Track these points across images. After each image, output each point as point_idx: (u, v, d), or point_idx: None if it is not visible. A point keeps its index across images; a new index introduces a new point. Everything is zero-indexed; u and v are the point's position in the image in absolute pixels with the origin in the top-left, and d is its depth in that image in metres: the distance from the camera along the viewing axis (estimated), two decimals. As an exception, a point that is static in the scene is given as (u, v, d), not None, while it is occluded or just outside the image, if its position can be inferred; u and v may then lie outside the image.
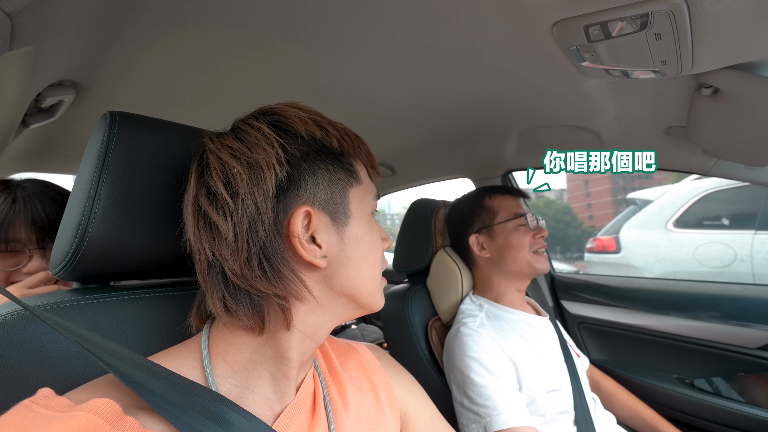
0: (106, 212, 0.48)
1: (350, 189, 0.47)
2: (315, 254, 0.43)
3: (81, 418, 0.32)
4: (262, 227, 0.41)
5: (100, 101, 0.98)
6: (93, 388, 0.39)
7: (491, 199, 1.08)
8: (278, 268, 0.41)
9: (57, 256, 0.50)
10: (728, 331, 1.23)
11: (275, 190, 0.41)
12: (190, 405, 0.37)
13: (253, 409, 0.42)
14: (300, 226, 0.42)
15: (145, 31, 0.77)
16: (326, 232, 0.44)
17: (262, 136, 0.43)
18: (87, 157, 0.50)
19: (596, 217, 23.13)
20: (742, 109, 0.74)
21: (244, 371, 0.43)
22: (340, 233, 0.45)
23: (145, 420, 0.36)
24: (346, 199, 0.46)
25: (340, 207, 0.45)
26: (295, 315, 0.43)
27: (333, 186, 0.45)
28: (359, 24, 0.76)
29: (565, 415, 0.92)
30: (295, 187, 0.43)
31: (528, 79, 0.92)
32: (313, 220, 0.43)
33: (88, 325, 0.49)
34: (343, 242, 0.45)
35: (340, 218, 0.45)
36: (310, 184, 0.44)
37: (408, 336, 1.05)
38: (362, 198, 0.48)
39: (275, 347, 0.43)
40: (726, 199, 3.39)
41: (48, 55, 0.70)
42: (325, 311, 0.46)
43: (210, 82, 0.97)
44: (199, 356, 0.43)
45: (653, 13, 0.52)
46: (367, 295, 0.48)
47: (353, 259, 0.46)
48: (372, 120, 1.22)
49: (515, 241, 1.02)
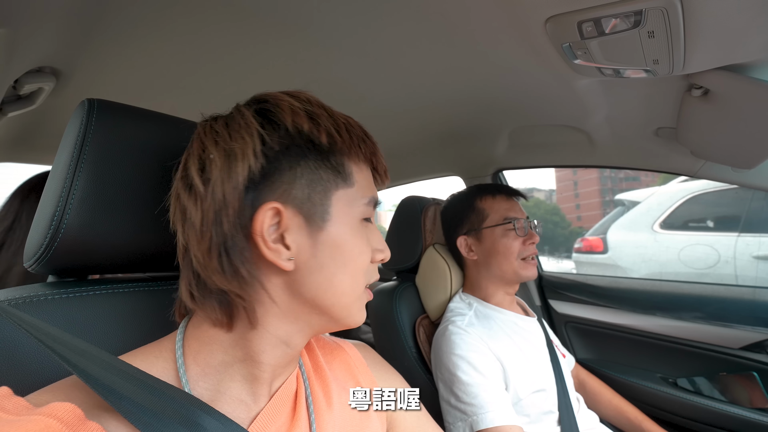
0: (83, 203, 0.46)
1: (335, 190, 0.43)
2: (280, 255, 0.40)
3: (39, 422, 0.30)
4: (227, 219, 0.39)
5: (82, 90, 0.95)
6: (56, 390, 0.37)
7: (482, 201, 1.05)
8: (235, 265, 0.39)
9: (31, 247, 0.48)
10: (711, 331, 1.25)
11: (246, 182, 0.39)
12: (162, 409, 0.35)
13: (227, 411, 0.40)
14: (267, 223, 0.39)
15: (129, 19, 0.74)
16: (298, 233, 0.41)
17: (245, 125, 0.41)
18: (63, 145, 0.49)
19: (584, 218, 23.43)
20: (731, 111, 0.75)
21: (216, 373, 0.41)
22: (314, 237, 0.41)
23: (109, 424, 0.35)
24: (327, 200, 0.42)
25: (319, 209, 0.42)
26: (262, 316, 0.41)
27: (313, 185, 0.42)
28: (350, 18, 0.74)
29: (549, 415, 0.92)
30: (269, 181, 0.40)
31: (520, 77, 0.92)
32: (284, 219, 0.40)
33: (63, 320, 0.47)
34: (315, 247, 0.41)
35: (316, 221, 0.42)
36: (287, 180, 0.41)
37: (396, 334, 1.04)
38: (350, 202, 0.44)
39: (245, 349, 0.42)
40: (711, 202, 3.45)
41: (25, 39, 0.67)
42: (297, 319, 0.43)
43: (195, 73, 0.95)
44: (172, 356, 0.41)
45: (647, 10, 0.52)
46: (341, 309, 0.44)
47: (326, 267, 0.42)
48: (362, 116, 1.19)
49: (502, 247, 1.00)
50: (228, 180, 0.39)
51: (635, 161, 1.30)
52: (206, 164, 0.40)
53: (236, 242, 0.39)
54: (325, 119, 0.43)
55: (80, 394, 0.36)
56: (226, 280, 0.39)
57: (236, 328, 0.41)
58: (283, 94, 0.44)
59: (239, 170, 0.39)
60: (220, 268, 0.39)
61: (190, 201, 0.40)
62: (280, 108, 0.42)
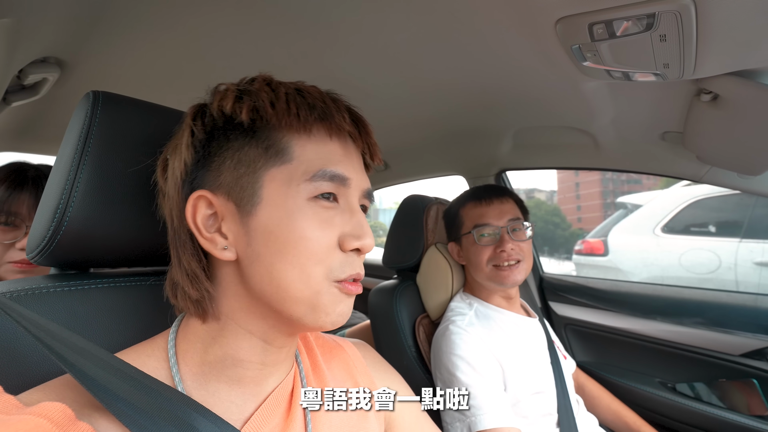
0: (86, 196, 0.46)
1: (265, 170, 0.39)
2: (215, 245, 0.39)
3: (28, 422, 0.30)
4: (174, 214, 0.41)
5: (87, 81, 0.95)
6: (48, 388, 0.37)
7: (463, 208, 1.05)
8: (179, 257, 0.41)
9: (33, 240, 0.47)
10: (712, 337, 1.24)
11: (183, 175, 0.40)
12: (156, 410, 0.35)
13: (219, 412, 0.40)
14: (201, 213, 0.39)
15: (134, 11, 0.74)
16: (232, 220, 0.39)
17: (184, 119, 0.43)
18: (68, 137, 0.48)
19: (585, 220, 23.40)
20: (740, 117, 0.74)
21: (202, 374, 0.41)
22: (245, 223, 0.39)
23: (100, 423, 0.35)
24: (256, 182, 0.39)
25: (247, 192, 0.39)
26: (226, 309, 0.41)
27: (239, 167, 0.39)
28: (357, 14, 0.74)
29: (548, 417, 0.92)
30: (201, 171, 0.40)
31: (527, 77, 0.91)
32: (217, 207, 0.39)
33: (65, 313, 0.46)
34: (249, 234, 0.39)
35: (245, 206, 0.39)
36: (215, 167, 0.40)
37: (395, 332, 1.04)
38: (287, 180, 0.39)
39: (223, 346, 0.41)
40: (714, 207, 3.44)
41: (30, 30, 0.67)
42: (265, 316, 0.41)
43: (199, 66, 0.94)
44: (164, 355, 0.41)
45: (660, 13, 0.51)
46: (292, 306, 0.39)
47: (262, 256, 0.38)
48: (367, 113, 1.19)
49: (472, 255, 1.00)
50: (171, 176, 0.41)
51: (640, 165, 1.29)
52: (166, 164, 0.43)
53: (181, 235, 0.41)
54: (260, 94, 0.40)
55: (72, 393, 0.36)
56: (178, 273, 0.41)
57: (207, 321, 0.42)
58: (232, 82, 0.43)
59: (176, 165, 0.41)
60: (177, 263, 0.41)
61: (162, 201, 0.43)
62: (215, 95, 0.42)
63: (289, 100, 0.39)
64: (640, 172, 1.32)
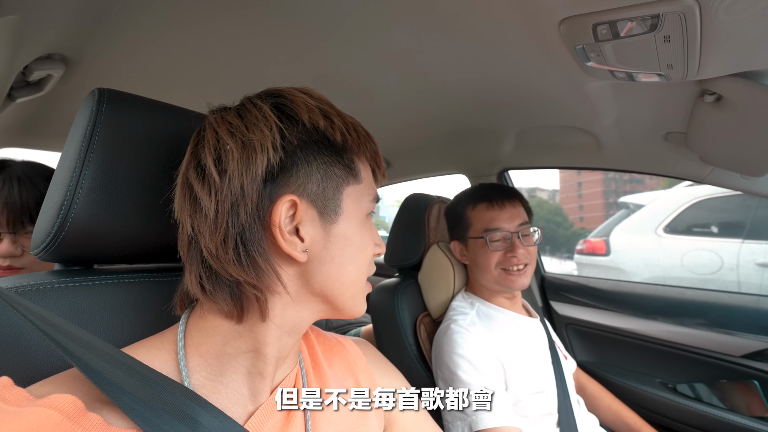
0: (91, 193, 0.46)
1: (346, 186, 0.45)
2: (295, 247, 0.41)
3: (40, 413, 0.30)
4: (244, 210, 0.39)
5: (91, 78, 0.95)
6: (57, 381, 0.37)
7: (468, 209, 1.04)
8: (253, 256, 0.40)
9: (38, 236, 0.48)
10: (713, 338, 1.24)
11: (264, 175, 0.40)
12: (160, 404, 0.35)
13: (225, 405, 0.41)
14: (283, 215, 0.40)
15: (139, 8, 0.74)
16: (312, 226, 0.42)
17: (263, 117, 0.41)
18: (73, 134, 0.48)
19: (587, 219, 23.32)
20: (744, 118, 0.74)
21: (218, 364, 0.42)
22: (327, 230, 0.43)
23: (110, 416, 0.35)
24: (339, 195, 0.44)
25: (331, 203, 0.44)
26: (272, 308, 0.42)
27: (327, 180, 0.43)
28: (361, 13, 0.74)
29: (549, 417, 0.93)
30: (287, 174, 0.41)
31: (530, 77, 0.91)
32: (299, 211, 0.41)
33: (69, 308, 0.47)
34: (328, 239, 0.43)
35: (329, 215, 0.43)
36: (303, 175, 0.42)
37: (396, 330, 1.04)
38: (359, 198, 0.46)
39: (251, 341, 0.42)
40: (716, 207, 3.42)
41: (35, 26, 0.67)
42: (303, 308, 0.45)
43: (203, 64, 0.95)
44: (173, 348, 0.42)
45: (664, 14, 0.51)
46: (347, 299, 0.46)
47: (337, 258, 0.44)
48: (370, 112, 1.20)
49: (481, 258, 1.00)
50: (246, 172, 0.39)
51: (643, 165, 1.29)
52: (222, 155, 0.40)
53: (254, 233, 0.40)
54: (336, 118, 0.45)
55: (81, 386, 0.36)
56: (243, 271, 0.39)
57: (246, 320, 0.42)
58: (297, 91, 0.45)
59: (258, 162, 0.39)
60: (236, 259, 0.39)
61: (204, 192, 0.40)
62: (296, 104, 0.43)
63: (356, 130, 0.46)
64: (643, 172, 1.32)
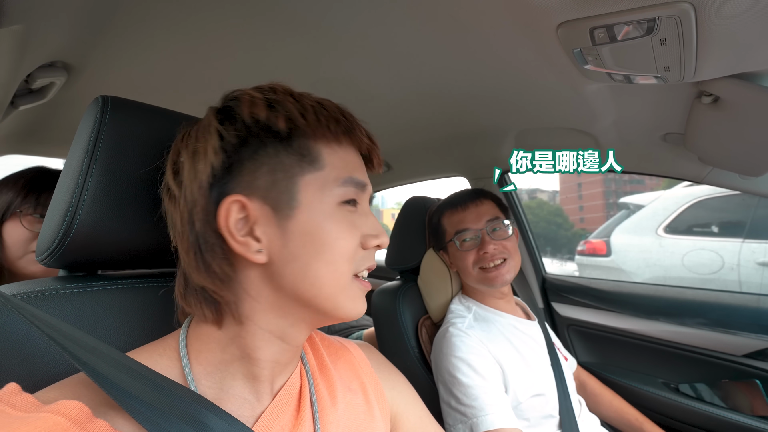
0: (96, 199, 0.47)
1: (301, 176, 0.42)
2: (249, 248, 0.40)
3: (47, 419, 0.31)
4: (197, 218, 0.40)
5: (93, 85, 0.95)
6: (63, 387, 0.38)
7: (442, 217, 1.07)
8: (207, 261, 0.40)
9: (43, 242, 0.48)
10: (715, 338, 1.24)
11: (210, 179, 0.40)
12: (168, 408, 0.36)
13: (231, 410, 0.41)
14: (233, 217, 0.40)
15: (141, 16, 0.74)
16: (267, 224, 0.41)
17: (206, 124, 0.42)
18: (77, 142, 0.49)
19: (588, 220, 23.28)
20: (741, 119, 0.74)
21: (218, 372, 0.42)
22: (282, 226, 0.41)
23: (116, 421, 0.35)
24: (293, 187, 0.41)
25: (284, 196, 0.41)
26: (248, 312, 0.42)
27: (275, 173, 0.41)
28: (359, 17, 0.74)
29: (549, 419, 0.92)
30: (230, 176, 0.41)
31: (529, 80, 0.92)
32: (251, 211, 0.40)
33: (74, 314, 0.47)
34: (286, 236, 0.41)
35: (283, 209, 0.41)
36: (248, 172, 0.41)
37: (398, 333, 1.05)
38: (321, 186, 0.42)
39: (241, 346, 0.42)
40: (716, 207, 3.42)
41: (39, 35, 0.68)
42: (286, 314, 0.43)
43: (205, 70, 0.95)
44: (176, 354, 0.42)
45: (660, 18, 0.52)
46: (325, 301, 0.42)
47: (300, 256, 0.41)
48: (370, 115, 1.20)
49: (459, 261, 1.02)
50: (194, 179, 0.40)
51: (642, 166, 1.29)
52: (180, 168, 0.42)
53: (207, 239, 0.40)
54: (288, 104, 0.42)
55: (88, 391, 0.36)
56: (203, 277, 0.41)
57: (225, 325, 0.42)
58: (251, 89, 0.44)
59: (201, 168, 0.40)
60: (197, 266, 0.40)
61: (170, 204, 0.43)
62: (240, 101, 0.43)
63: (317, 112, 0.43)
64: (643, 173, 1.32)
